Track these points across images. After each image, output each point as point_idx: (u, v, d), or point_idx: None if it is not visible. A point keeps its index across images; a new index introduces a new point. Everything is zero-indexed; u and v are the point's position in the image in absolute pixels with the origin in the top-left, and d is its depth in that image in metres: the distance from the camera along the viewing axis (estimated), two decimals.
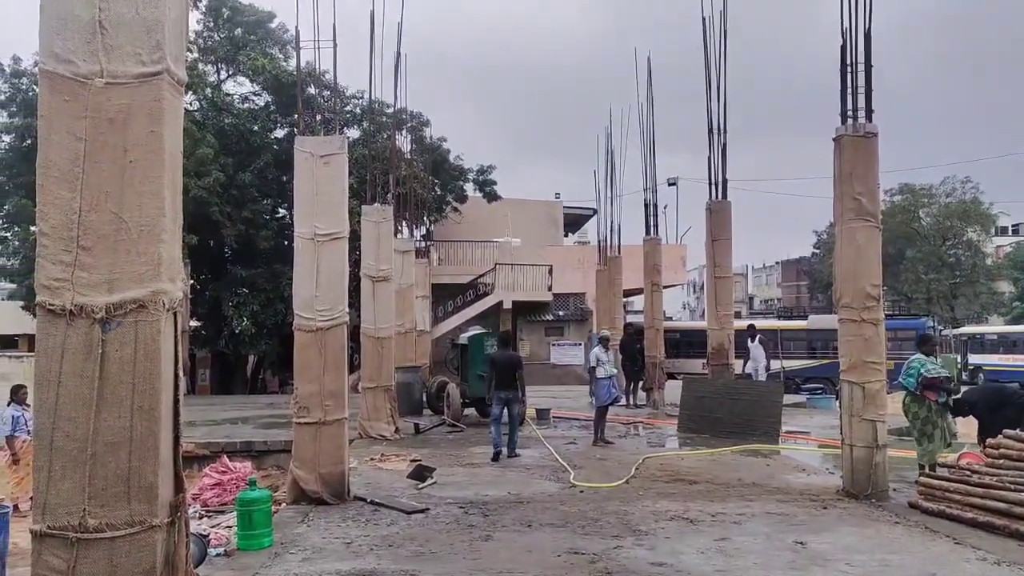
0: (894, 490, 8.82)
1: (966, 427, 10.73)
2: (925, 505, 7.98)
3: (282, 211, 27.32)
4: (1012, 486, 7.36)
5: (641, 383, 19.54)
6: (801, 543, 6.86)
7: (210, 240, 24.09)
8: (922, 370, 9.37)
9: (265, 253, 25.04)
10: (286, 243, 25.84)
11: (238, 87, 27.33)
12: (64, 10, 3.62)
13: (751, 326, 19.46)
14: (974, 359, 34.14)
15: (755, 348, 17.78)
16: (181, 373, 3.85)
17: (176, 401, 3.78)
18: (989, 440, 8.74)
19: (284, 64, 25.97)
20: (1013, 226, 69.60)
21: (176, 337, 3.81)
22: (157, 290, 3.64)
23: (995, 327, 45.11)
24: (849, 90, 8.97)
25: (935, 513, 7.76)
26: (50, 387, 3.56)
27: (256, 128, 25.54)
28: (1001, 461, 8.05)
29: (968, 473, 8.09)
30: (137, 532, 3.56)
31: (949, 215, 52.39)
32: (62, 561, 3.50)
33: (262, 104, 26.77)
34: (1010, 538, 6.84)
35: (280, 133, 26.80)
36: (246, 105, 26.50)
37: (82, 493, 3.51)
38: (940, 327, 44.47)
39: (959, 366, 32.26)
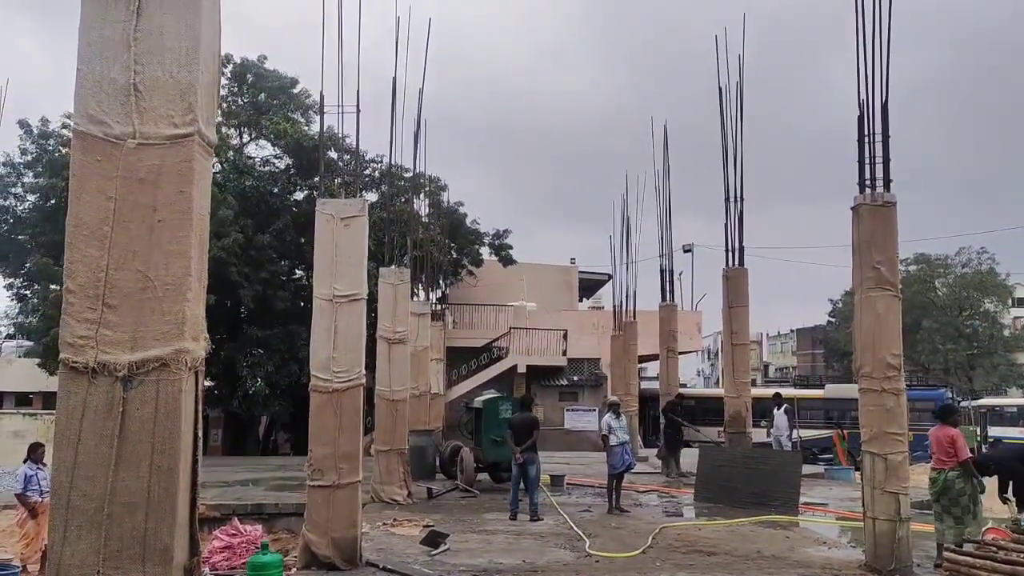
0: (918, 565, 8.59)
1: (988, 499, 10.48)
2: None
3: (299, 272, 27.51)
4: None
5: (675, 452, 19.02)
6: None
7: (227, 300, 24.24)
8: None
9: (281, 314, 25.13)
10: (302, 304, 25.95)
11: (260, 150, 27.87)
12: (100, 73, 3.72)
13: (777, 394, 19.25)
14: (993, 431, 33.55)
15: (779, 416, 17.57)
16: (201, 433, 3.83)
17: (195, 461, 3.75)
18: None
19: (305, 128, 26.48)
20: None
21: (197, 396, 3.80)
22: (180, 348, 3.65)
23: (1015, 399, 44.42)
24: (867, 160, 9.04)
25: None
26: (69, 445, 3.55)
27: (276, 190, 25.90)
28: None
29: (995, 550, 7.86)
30: None
31: (965, 285, 52.20)
32: None
33: (282, 167, 27.22)
34: None
35: (299, 196, 27.16)
36: (267, 168, 26.94)
37: (97, 554, 3.46)
38: (959, 399, 43.83)
39: (979, 438, 31.68)
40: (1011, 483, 10.04)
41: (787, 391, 26.76)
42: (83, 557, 3.48)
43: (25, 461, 10.77)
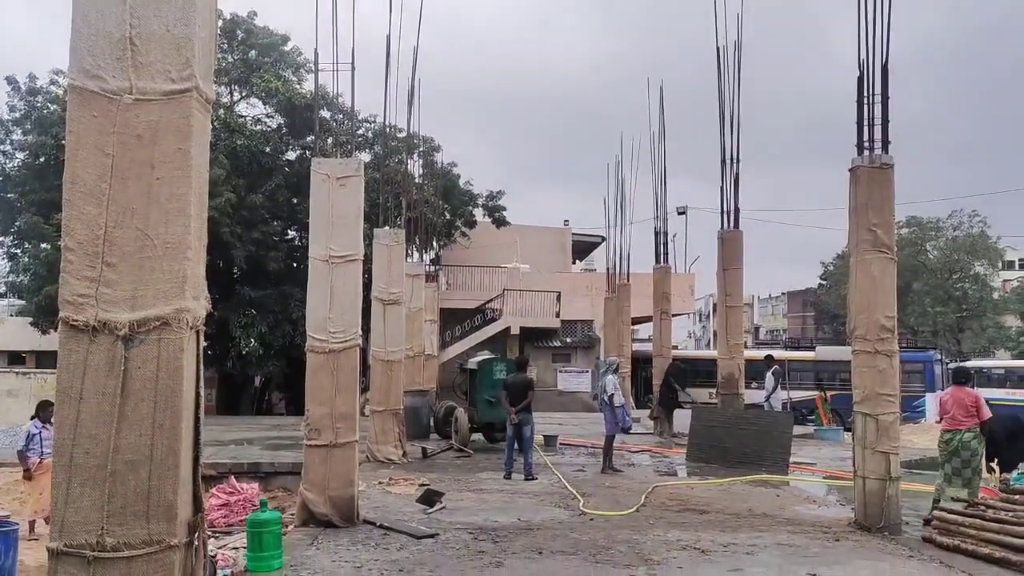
0: (907, 524, 8.73)
1: None
2: (940, 539, 7.89)
3: (292, 233, 27.40)
4: None
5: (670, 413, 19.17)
6: (815, 575, 6.78)
7: (219, 261, 24.14)
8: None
9: (274, 275, 25.06)
10: (295, 265, 25.91)
11: (251, 108, 27.53)
12: (95, 27, 3.64)
13: (768, 356, 19.34)
14: (981, 393, 33.92)
15: (768, 378, 17.69)
16: (202, 392, 3.83)
17: (197, 420, 3.75)
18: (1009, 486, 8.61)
19: (297, 87, 26.16)
20: (1020, 260, 69.43)
21: (198, 356, 3.79)
22: (181, 308, 3.63)
23: (1002, 361, 44.82)
24: (865, 121, 9.00)
25: (950, 548, 7.67)
26: (71, 404, 3.53)
27: (268, 150, 25.65)
28: (1017, 497, 7.96)
29: (983, 508, 8.00)
30: (155, 552, 3.52)
31: (956, 249, 52.34)
32: None
33: (274, 126, 26.93)
34: None
35: (292, 156, 26.93)
36: (258, 127, 26.66)
37: (100, 511, 3.47)
38: (947, 361, 44.26)
39: None
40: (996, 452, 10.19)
41: (778, 353, 26.95)
42: (86, 514, 3.49)
43: (32, 418, 10.69)
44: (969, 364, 38.93)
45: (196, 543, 3.74)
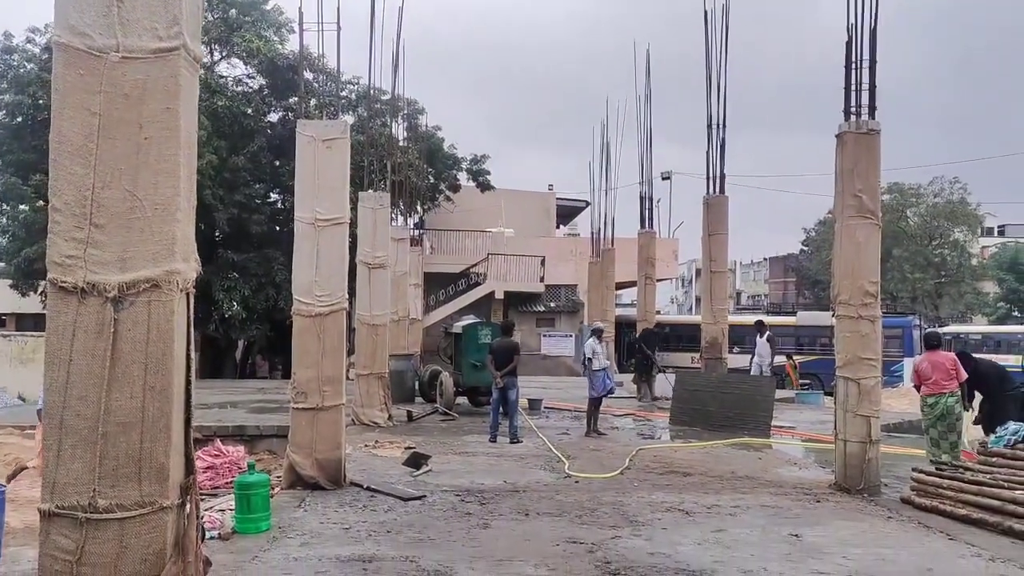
0: (886, 485, 8.88)
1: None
2: (918, 501, 8.03)
3: (274, 196, 27.11)
4: (1006, 484, 7.43)
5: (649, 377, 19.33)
6: (796, 535, 6.91)
7: (201, 224, 23.93)
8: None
9: (257, 238, 24.86)
10: (278, 228, 25.69)
11: (231, 69, 27.05)
12: None
13: (759, 322, 19.45)
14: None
15: (762, 344, 17.76)
16: (193, 355, 3.81)
17: (188, 383, 3.74)
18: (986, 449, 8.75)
19: (279, 47, 25.72)
20: (999, 227, 70.07)
21: (189, 318, 3.77)
22: (171, 270, 3.60)
23: (980, 327, 45.51)
24: (853, 87, 8.99)
25: (928, 509, 7.82)
26: (61, 365, 3.51)
27: (249, 111, 25.25)
28: (994, 459, 8.11)
29: (961, 470, 8.15)
30: (148, 513, 3.53)
31: (936, 215, 52.68)
32: (71, 541, 3.46)
33: (256, 87, 26.51)
34: (1003, 535, 6.89)
35: (274, 117, 26.55)
36: (239, 88, 26.23)
37: (92, 473, 3.47)
38: (925, 326, 44.82)
39: None
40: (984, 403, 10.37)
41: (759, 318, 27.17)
42: (78, 475, 3.49)
43: None
44: (947, 329, 39.54)
45: (188, 505, 3.75)
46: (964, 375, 9.50)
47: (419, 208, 29.05)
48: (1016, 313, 53.04)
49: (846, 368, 8.83)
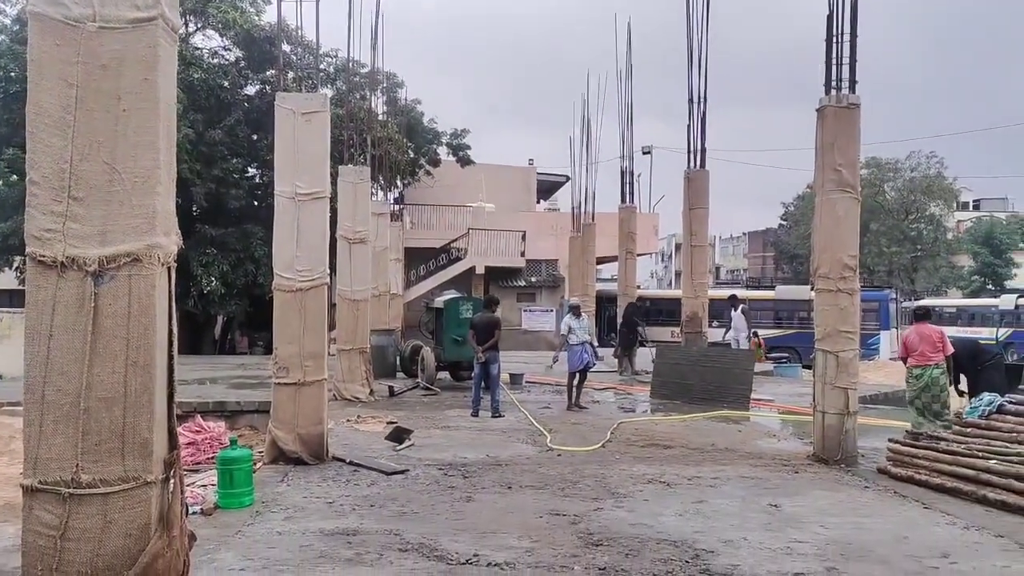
0: (862, 456, 9.02)
1: None
2: (894, 471, 8.17)
3: (252, 171, 26.83)
4: (980, 453, 7.56)
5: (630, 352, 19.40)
6: (775, 505, 7.01)
7: (179, 198, 23.61)
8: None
9: (235, 213, 24.63)
10: (257, 203, 25.46)
11: (207, 41, 26.65)
12: None
13: (733, 296, 19.57)
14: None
15: (738, 318, 17.89)
16: (175, 329, 3.78)
17: (171, 358, 3.71)
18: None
19: (255, 18, 25.35)
20: (974, 201, 70.83)
21: (170, 293, 3.73)
22: (152, 244, 3.56)
23: (954, 300, 46.13)
24: (834, 61, 9.00)
25: (903, 479, 7.96)
26: (41, 340, 3.47)
27: (226, 84, 24.90)
28: (969, 429, 8.25)
29: (936, 440, 8.29)
30: (131, 488, 3.51)
31: (913, 190, 53.11)
32: (54, 517, 3.44)
33: (232, 60, 26.12)
34: (977, 504, 7.04)
35: (251, 90, 26.19)
36: (215, 60, 25.84)
37: (75, 448, 3.45)
38: (901, 299, 45.35)
39: None
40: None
41: (738, 292, 27.36)
42: (60, 451, 3.47)
43: None
44: (921, 303, 40.05)
45: (172, 480, 3.74)
46: (951, 349, 9.68)
47: (399, 183, 28.89)
48: (990, 286, 53.75)
49: (825, 341, 8.92)
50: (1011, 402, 8.33)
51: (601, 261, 30.91)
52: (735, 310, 18.17)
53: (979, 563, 5.46)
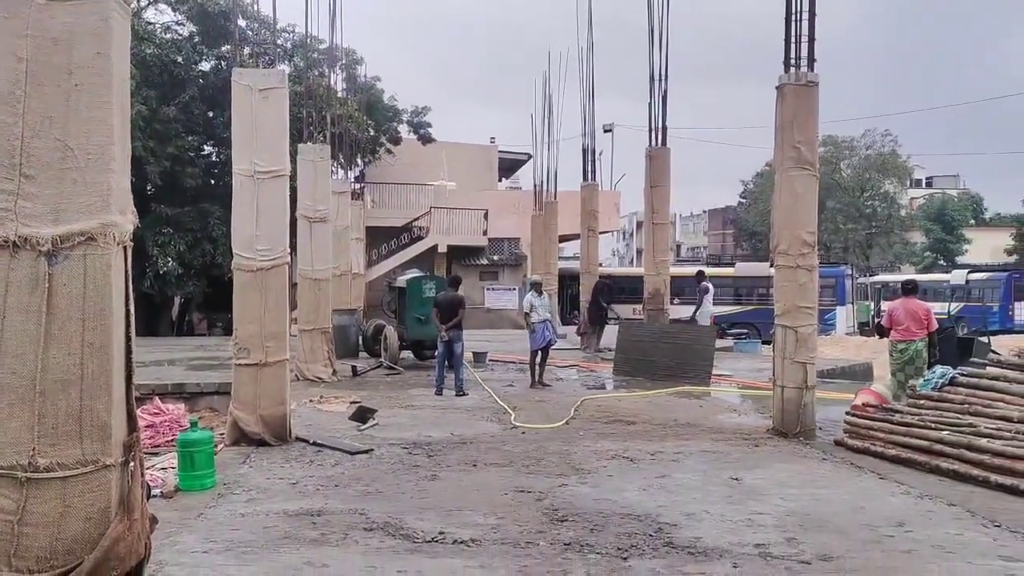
0: (820, 429, 9.19)
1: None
2: (851, 443, 8.35)
3: (209, 148, 26.37)
4: (933, 425, 7.75)
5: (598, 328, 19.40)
6: (736, 479, 7.13)
7: (132, 177, 23.02)
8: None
9: (192, 191, 24.20)
10: (214, 182, 25.05)
11: (160, 15, 26.02)
12: None
13: (700, 272, 19.67)
14: (887, 305, 35.61)
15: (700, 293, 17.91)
16: (132, 310, 3.71)
17: (128, 339, 3.64)
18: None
19: None
20: (927, 179, 72.25)
21: (127, 272, 3.66)
22: (107, 222, 3.47)
23: (907, 275, 47.06)
24: (792, 39, 9.06)
25: (860, 450, 8.14)
26: None
27: (180, 60, 24.35)
28: (923, 402, 8.44)
29: (892, 412, 8.48)
30: (90, 471, 3.45)
31: (868, 167, 54.02)
32: (11, 502, 3.36)
33: (185, 35, 25.55)
34: (930, 474, 7.22)
35: (206, 66, 25.66)
36: (168, 35, 25.24)
37: (31, 432, 3.37)
38: (856, 275, 46.22)
39: (872, 312, 33.65)
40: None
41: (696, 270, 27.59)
42: (16, 435, 3.38)
43: None
44: (876, 279, 40.82)
45: (132, 463, 3.68)
46: (935, 325, 9.97)
47: (359, 161, 28.59)
48: (942, 262, 54.98)
49: (784, 316, 9.05)
50: (963, 374, 8.54)
51: (563, 239, 30.99)
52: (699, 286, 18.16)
53: (933, 531, 5.61)
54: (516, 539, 5.38)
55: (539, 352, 13.16)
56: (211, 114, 24.77)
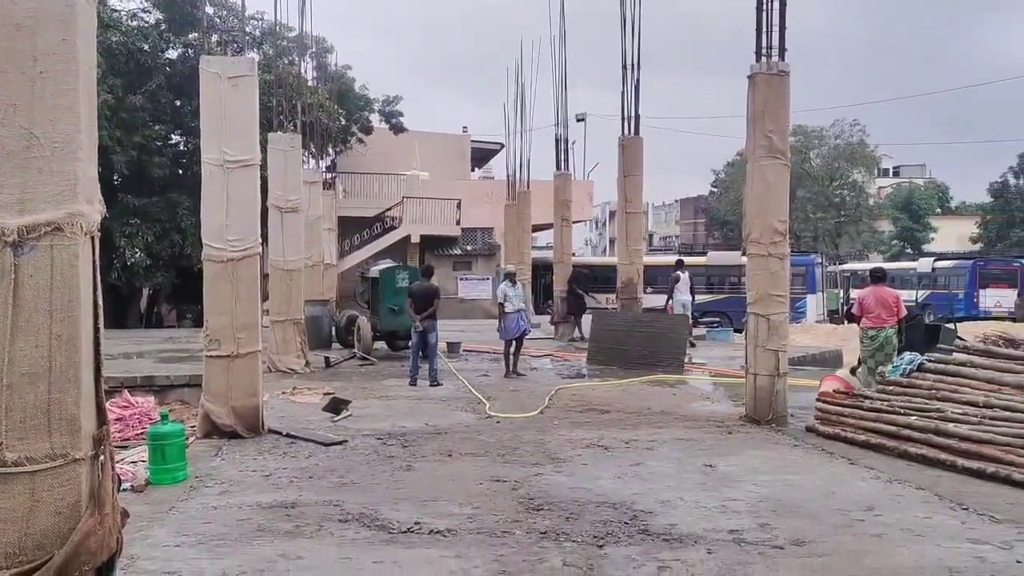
0: (792, 416, 9.30)
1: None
2: (822, 429, 8.46)
3: (176, 138, 25.98)
4: (901, 410, 7.87)
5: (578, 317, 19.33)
6: (710, 466, 7.19)
7: (99, 166, 22.69)
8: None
9: (159, 181, 23.84)
10: (182, 172, 24.72)
11: (125, 2, 25.64)
12: None
13: (680, 261, 19.74)
14: (855, 293, 36.10)
15: (684, 282, 17.88)
16: (101, 301, 3.64)
17: (97, 331, 3.58)
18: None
19: None
20: (894, 168, 73.18)
21: (95, 263, 3.59)
22: (73, 212, 3.40)
23: (875, 264, 47.69)
24: (764, 28, 9.11)
25: (831, 436, 8.25)
26: None
27: (146, 47, 23.91)
28: (891, 388, 8.56)
29: (861, 399, 8.60)
30: (59, 465, 3.38)
31: (837, 157, 54.55)
32: None
33: (152, 22, 25.12)
34: (899, 458, 7.34)
35: (173, 54, 25.26)
36: (134, 22, 24.80)
37: None
38: (826, 264, 46.77)
39: (842, 300, 34.10)
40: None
41: (671, 259, 27.71)
42: None
43: None
44: (845, 267, 41.33)
45: (102, 456, 3.62)
46: (904, 312, 10.14)
47: (331, 151, 28.36)
48: (909, 250, 55.78)
49: (757, 304, 9.13)
50: (930, 361, 8.67)
51: (537, 229, 31.00)
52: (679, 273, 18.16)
53: (902, 515, 5.70)
54: (492, 528, 5.39)
55: (513, 342, 13.18)
56: (178, 103, 24.41)
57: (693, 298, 18.33)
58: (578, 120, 36.14)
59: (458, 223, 31.97)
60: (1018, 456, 6.58)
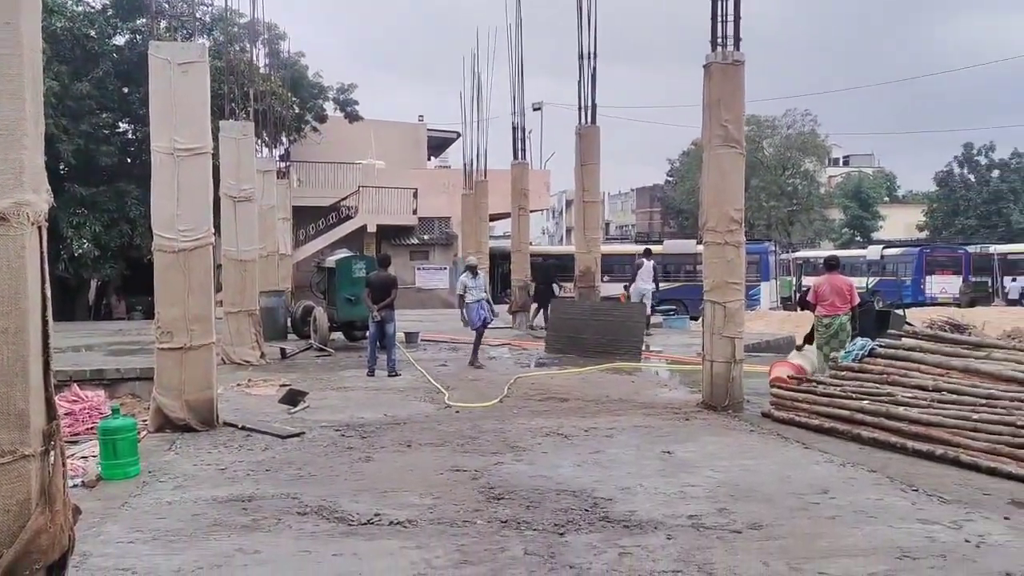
0: (748, 402, 9.42)
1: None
2: (777, 414, 8.60)
3: (124, 126, 25.37)
4: (853, 395, 8.03)
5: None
6: (668, 452, 7.26)
7: (44, 155, 22.11)
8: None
9: (107, 171, 23.29)
10: (130, 160, 24.18)
11: None
12: None
13: (648, 249, 19.85)
14: (807, 280, 36.74)
15: (646, 270, 17.91)
16: (49, 293, 3.53)
17: (45, 323, 3.47)
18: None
19: None
20: (844, 157, 74.52)
21: (42, 254, 3.48)
22: (20, 201, 3.29)
23: (826, 251, 48.58)
24: (719, 17, 9.17)
25: (785, 421, 8.38)
26: None
27: (92, 33, 23.27)
28: (844, 373, 8.73)
29: (815, 384, 8.76)
30: (8, 462, 3.28)
31: (789, 146, 55.38)
32: None
33: (98, 7, 24.44)
34: (852, 442, 7.49)
35: (120, 40, 24.63)
36: (80, 8, 24.11)
37: None
38: (779, 251, 47.51)
39: (795, 287, 34.68)
40: None
41: (628, 247, 27.94)
42: None
43: None
44: (797, 255, 42.05)
45: (53, 452, 3.52)
46: (857, 299, 10.33)
47: (285, 139, 27.93)
48: (858, 238, 56.91)
49: (713, 292, 9.23)
50: (881, 346, 8.87)
51: (494, 218, 30.95)
52: (646, 260, 18.20)
53: (855, 497, 5.82)
54: (453, 518, 5.38)
55: (477, 331, 13.17)
56: (126, 90, 23.83)
57: (657, 287, 18.42)
58: (535, 109, 36.11)
59: (415, 212, 31.78)
60: (965, 438, 6.77)
